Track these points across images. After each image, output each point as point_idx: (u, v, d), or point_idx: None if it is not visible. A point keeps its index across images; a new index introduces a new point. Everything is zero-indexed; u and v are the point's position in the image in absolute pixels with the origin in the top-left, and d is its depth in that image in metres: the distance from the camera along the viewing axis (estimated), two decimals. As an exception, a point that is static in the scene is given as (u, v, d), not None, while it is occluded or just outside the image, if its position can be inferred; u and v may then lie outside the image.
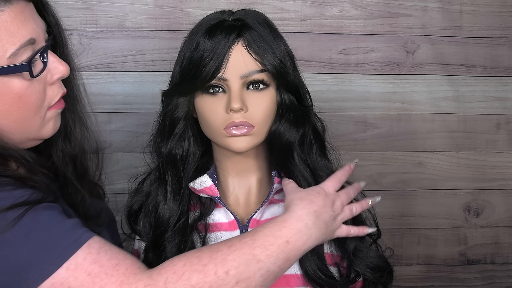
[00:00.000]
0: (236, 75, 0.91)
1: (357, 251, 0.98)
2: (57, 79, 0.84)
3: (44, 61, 0.81)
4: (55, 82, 0.84)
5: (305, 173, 0.96)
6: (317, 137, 0.99)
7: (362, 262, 0.97)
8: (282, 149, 0.95)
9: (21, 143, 0.84)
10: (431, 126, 1.62)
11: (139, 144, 1.07)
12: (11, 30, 0.77)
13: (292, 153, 0.95)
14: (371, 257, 0.99)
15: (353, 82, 1.58)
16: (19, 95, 0.79)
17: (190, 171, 0.98)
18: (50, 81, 0.83)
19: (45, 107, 0.84)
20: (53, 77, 0.83)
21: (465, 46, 1.61)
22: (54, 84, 0.84)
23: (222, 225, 0.98)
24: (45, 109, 0.84)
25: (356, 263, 0.97)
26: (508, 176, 1.67)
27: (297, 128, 0.95)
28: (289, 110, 0.94)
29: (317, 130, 1.00)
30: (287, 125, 0.94)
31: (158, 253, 0.96)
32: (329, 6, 1.56)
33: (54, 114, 0.86)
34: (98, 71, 1.50)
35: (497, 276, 1.70)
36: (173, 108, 0.96)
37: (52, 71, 0.83)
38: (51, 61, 0.83)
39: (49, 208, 0.79)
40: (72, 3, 1.47)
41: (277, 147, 0.95)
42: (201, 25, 0.95)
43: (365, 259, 0.98)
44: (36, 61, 0.80)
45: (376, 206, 1.60)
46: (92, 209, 0.92)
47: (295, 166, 0.96)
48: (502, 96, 1.65)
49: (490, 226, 1.68)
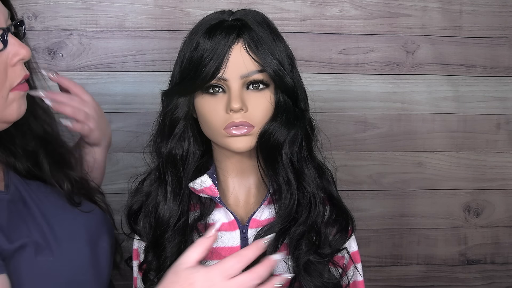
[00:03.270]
0: (236, 75, 0.91)
1: (308, 266, 0.93)
2: (18, 60, 0.86)
3: (3, 40, 0.83)
4: (16, 64, 0.86)
5: (290, 174, 0.95)
6: (308, 141, 0.99)
7: (311, 280, 0.92)
8: (270, 148, 0.94)
9: None
10: (431, 126, 1.63)
11: (139, 144, 1.06)
12: None
13: (281, 153, 0.94)
14: (323, 276, 0.94)
15: (353, 82, 1.59)
16: None
17: (190, 171, 0.98)
18: (11, 63, 0.85)
19: (7, 87, 0.85)
20: (13, 59, 0.85)
21: (465, 46, 1.61)
22: (16, 66, 0.86)
23: (222, 225, 0.98)
24: (7, 90, 0.85)
25: (303, 277, 0.92)
26: (508, 176, 1.67)
27: (288, 129, 0.94)
28: (284, 111, 0.94)
29: (308, 134, 0.99)
30: (278, 125, 0.93)
31: (158, 253, 0.96)
32: (329, 6, 1.56)
33: (17, 96, 0.87)
34: (98, 71, 1.50)
35: (497, 276, 1.70)
36: (173, 108, 0.96)
37: (12, 52, 0.85)
38: (11, 43, 0.85)
39: None
40: (72, 3, 1.47)
41: (266, 146, 0.94)
42: (201, 25, 0.95)
43: (315, 277, 0.93)
44: None
45: (376, 206, 1.62)
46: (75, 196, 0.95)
47: (280, 167, 0.95)
48: (502, 96, 1.65)
49: (490, 226, 1.68)
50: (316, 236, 0.96)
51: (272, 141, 0.93)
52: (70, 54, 1.49)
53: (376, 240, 1.64)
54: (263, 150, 0.95)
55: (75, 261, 0.93)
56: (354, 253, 1.02)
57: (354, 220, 1.01)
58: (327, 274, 0.95)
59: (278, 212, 0.96)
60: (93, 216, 1.00)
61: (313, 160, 0.99)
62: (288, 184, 0.95)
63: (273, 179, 0.96)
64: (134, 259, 1.05)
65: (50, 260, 0.88)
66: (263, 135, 0.93)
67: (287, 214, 0.94)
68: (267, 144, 0.94)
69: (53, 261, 0.89)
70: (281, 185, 0.95)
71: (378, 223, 1.63)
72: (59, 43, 1.48)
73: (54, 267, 0.89)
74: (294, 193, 0.95)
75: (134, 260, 1.05)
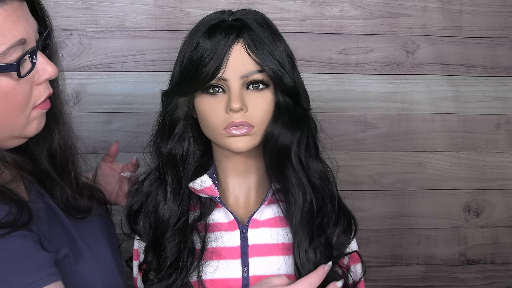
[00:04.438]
0: (236, 75, 0.91)
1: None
2: (45, 80, 0.85)
3: (33, 62, 0.82)
4: (42, 82, 0.85)
5: (301, 174, 0.95)
6: (313, 140, 0.99)
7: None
8: (279, 152, 0.94)
9: (5, 141, 0.85)
10: (431, 126, 1.62)
11: (139, 144, 1.07)
12: (2, 29, 0.77)
13: (290, 156, 0.94)
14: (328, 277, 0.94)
15: (353, 82, 1.59)
16: (5, 93, 0.79)
17: (190, 171, 0.98)
18: (37, 82, 0.84)
19: (31, 106, 0.84)
20: (40, 78, 0.84)
21: (465, 46, 1.61)
22: (41, 85, 0.85)
23: (222, 225, 0.98)
24: (30, 108, 0.84)
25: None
26: (508, 176, 1.67)
27: (293, 130, 0.94)
28: (285, 112, 0.94)
29: (313, 133, 0.99)
30: (282, 127, 0.93)
31: (158, 253, 0.96)
32: (329, 6, 1.56)
33: (39, 114, 0.86)
34: (98, 71, 1.50)
35: (497, 276, 1.70)
36: (173, 108, 0.96)
37: (40, 71, 0.84)
38: (39, 62, 0.83)
39: (22, 237, 0.79)
40: (72, 3, 1.47)
41: (273, 150, 0.94)
42: (201, 25, 0.95)
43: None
44: (25, 62, 0.81)
45: (376, 206, 1.62)
46: (76, 202, 0.93)
47: (291, 170, 0.95)
48: (502, 96, 1.65)
49: (490, 226, 1.68)
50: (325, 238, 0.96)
51: (279, 145, 0.93)
52: (70, 54, 1.49)
53: (376, 240, 1.64)
54: (271, 155, 0.94)
55: (105, 267, 0.93)
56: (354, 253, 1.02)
57: (356, 220, 1.01)
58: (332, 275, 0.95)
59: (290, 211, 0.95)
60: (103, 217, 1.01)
61: (320, 159, 1.00)
62: (299, 185, 0.95)
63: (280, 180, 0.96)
64: (135, 259, 1.05)
65: (86, 269, 0.89)
66: (269, 139, 0.93)
67: (307, 212, 0.94)
68: (275, 148, 0.93)
69: (88, 269, 0.89)
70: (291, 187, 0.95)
71: (378, 223, 1.63)
72: (59, 43, 1.48)
73: (91, 275, 0.89)
74: (308, 192, 0.95)
75: (135, 260, 1.05)
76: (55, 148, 0.94)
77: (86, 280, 0.88)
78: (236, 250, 0.96)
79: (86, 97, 1.50)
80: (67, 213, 0.92)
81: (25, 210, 0.82)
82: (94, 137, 1.50)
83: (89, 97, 1.50)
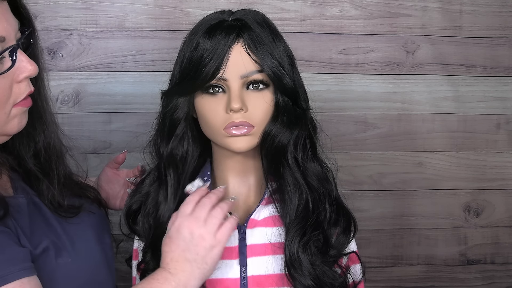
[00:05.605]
0: (236, 75, 0.91)
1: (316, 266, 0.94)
2: (24, 77, 0.85)
3: (12, 60, 0.82)
4: (22, 80, 0.85)
5: (297, 174, 0.95)
6: (311, 140, 0.99)
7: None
8: (275, 151, 0.94)
9: None
10: (431, 126, 1.62)
11: (139, 144, 1.06)
12: None
13: (286, 155, 0.94)
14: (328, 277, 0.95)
15: (353, 82, 1.59)
16: None
17: (188, 172, 0.98)
18: (17, 79, 0.84)
19: (11, 103, 0.84)
20: (20, 76, 0.84)
21: (465, 46, 1.61)
22: (21, 82, 0.85)
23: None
24: (11, 106, 0.84)
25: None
26: (508, 176, 1.67)
27: (290, 130, 0.94)
28: (284, 112, 0.94)
29: (311, 133, 0.99)
30: (280, 126, 0.93)
31: (157, 254, 0.95)
32: (329, 6, 1.56)
33: (20, 111, 0.86)
34: (98, 71, 1.50)
35: (497, 276, 1.70)
36: (173, 108, 0.96)
37: (20, 69, 0.84)
38: (19, 60, 0.83)
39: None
40: (72, 3, 1.47)
41: (270, 149, 0.94)
42: (201, 25, 0.95)
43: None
44: (4, 58, 0.81)
45: (377, 206, 1.62)
46: (63, 201, 0.94)
47: (287, 169, 0.95)
48: (502, 96, 1.65)
49: (490, 226, 1.68)
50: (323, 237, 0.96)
51: (276, 144, 0.93)
52: (70, 54, 1.49)
53: (377, 241, 1.64)
54: (268, 154, 0.95)
55: (90, 261, 0.93)
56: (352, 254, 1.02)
57: (355, 220, 1.01)
58: (332, 274, 0.95)
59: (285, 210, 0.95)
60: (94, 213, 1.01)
61: (317, 159, 0.99)
62: (295, 184, 0.95)
63: (276, 180, 0.96)
64: (134, 259, 1.05)
65: (68, 262, 0.89)
66: (266, 138, 0.93)
67: (302, 210, 0.94)
68: (271, 147, 0.94)
69: (71, 262, 0.89)
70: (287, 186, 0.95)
71: (379, 224, 1.63)
72: (59, 43, 1.48)
73: (72, 269, 0.89)
74: (304, 191, 0.95)
75: (134, 260, 1.05)
76: (40, 147, 0.94)
77: (66, 273, 0.88)
78: (234, 250, 0.96)
79: (86, 97, 1.50)
80: (54, 211, 0.93)
81: (1, 205, 0.82)
82: (94, 137, 1.51)
83: (89, 97, 1.50)
